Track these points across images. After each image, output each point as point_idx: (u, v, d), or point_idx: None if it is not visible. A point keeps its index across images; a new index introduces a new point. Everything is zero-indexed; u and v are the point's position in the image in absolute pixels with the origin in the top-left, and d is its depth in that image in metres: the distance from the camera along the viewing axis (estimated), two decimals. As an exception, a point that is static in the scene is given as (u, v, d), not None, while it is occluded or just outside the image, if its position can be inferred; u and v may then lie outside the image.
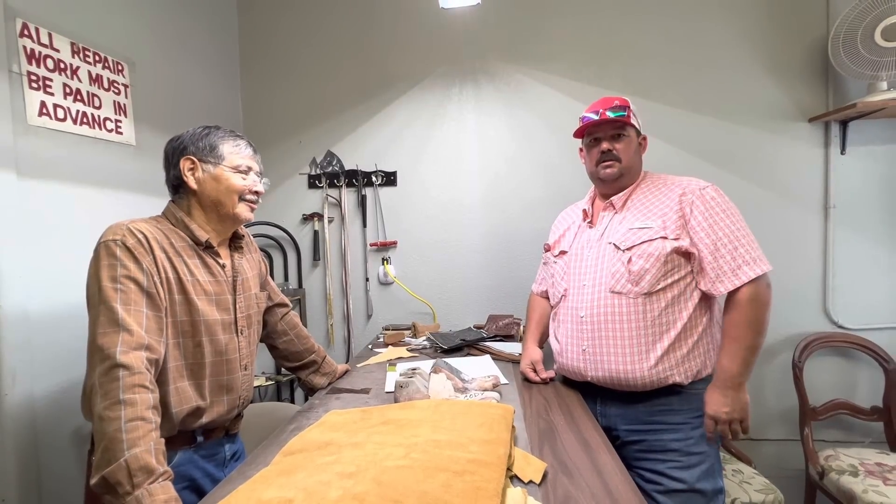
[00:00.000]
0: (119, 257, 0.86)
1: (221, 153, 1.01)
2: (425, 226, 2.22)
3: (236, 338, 1.04)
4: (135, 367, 0.80)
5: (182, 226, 0.99)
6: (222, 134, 1.04)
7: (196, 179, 1.00)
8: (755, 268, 1.07)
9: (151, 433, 0.78)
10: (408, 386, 1.12)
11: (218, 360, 0.99)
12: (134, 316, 0.84)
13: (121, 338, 0.81)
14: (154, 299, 0.88)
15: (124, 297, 0.84)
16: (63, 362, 1.29)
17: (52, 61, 1.28)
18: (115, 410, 0.76)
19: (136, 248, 0.88)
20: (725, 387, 1.08)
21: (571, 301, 1.24)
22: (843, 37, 1.77)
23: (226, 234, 1.08)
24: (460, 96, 2.18)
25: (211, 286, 0.99)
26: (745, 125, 2.02)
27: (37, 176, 1.24)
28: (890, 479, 1.52)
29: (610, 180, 1.25)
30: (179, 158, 0.99)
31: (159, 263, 0.91)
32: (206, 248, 1.01)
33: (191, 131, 1.02)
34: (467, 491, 0.68)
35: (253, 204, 1.07)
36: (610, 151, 1.22)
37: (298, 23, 2.24)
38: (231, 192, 1.01)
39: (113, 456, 0.73)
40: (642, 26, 2.06)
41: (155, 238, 0.92)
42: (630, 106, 1.23)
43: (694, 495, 1.10)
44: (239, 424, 1.14)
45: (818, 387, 1.93)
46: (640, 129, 1.26)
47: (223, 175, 1.01)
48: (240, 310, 1.05)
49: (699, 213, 1.11)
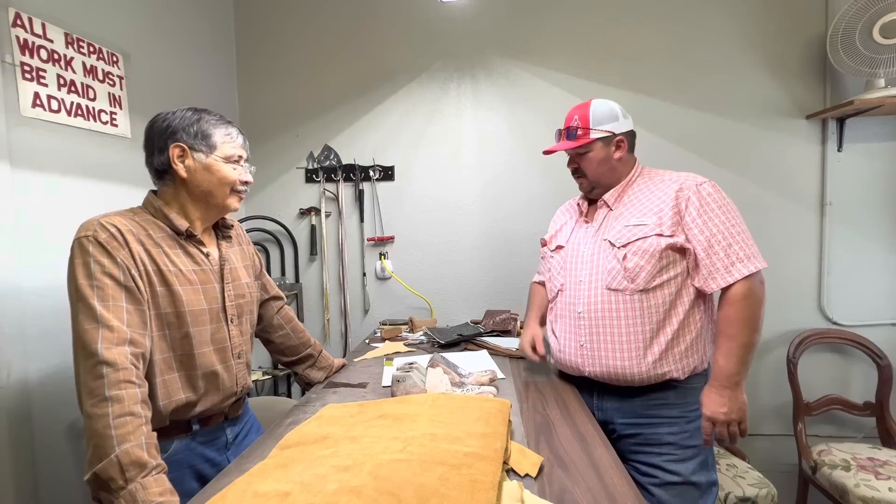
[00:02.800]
0: (92, 253, 0.84)
1: (214, 142, 0.98)
2: (423, 221, 2.21)
3: (226, 326, 1.01)
4: (119, 363, 0.79)
5: (161, 216, 0.96)
6: (214, 120, 1.00)
7: (186, 168, 0.96)
8: (749, 265, 1.06)
9: (142, 427, 0.77)
10: (405, 380, 1.12)
11: (207, 350, 0.97)
12: (114, 311, 0.82)
13: (101, 334, 0.79)
14: (133, 293, 0.86)
15: (101, 294, 0.83)
16: (58, 355, 1.28)
17: (45, 52, 1.27)
18: (102, 408, 0.75)
19: (109, 242, 0.86)
20: (722, 386, 1.07)
21: (568, 297, 1.24)
22: (841, 34, 1.77)
23: (210, 222, 1.05)
24: (458, 91, 2.17)
25: (195, 275, 0.96)
26: (743, 122, 2.03)
27: (30, 168, 1.23)
28: (881, 474, 1.54)
29: (585, 192, 1.30)
30: (168, 144, 0.95)
31: (136, 256, 0.88)
32: (188, 237, 0.98)
33: (179, 114, 0.97)
34: (464, 484, 0.68)
35: (242, 194, 1.04)
36: (577, 168, 1.26)
37: (296, 15, 2.22)
38: (223, 184, 0.99)
39: (103, 452, 0.73)
40: (641, 23, 2.05)
41: (130, 230, 0.89)
42: (589, 117, 1.20)
43: (688, 488, 1.11)
44: (240, 407, 1.11)
45: (812, 382, 1.95)
46: (612, 133, 1.20)
47: (215, 166, 0.97)
48: (228, 298, 1.03)
49: (694, 209, 1.10)
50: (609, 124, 1.21)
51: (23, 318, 1.19)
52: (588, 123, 1.21)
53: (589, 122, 1.21)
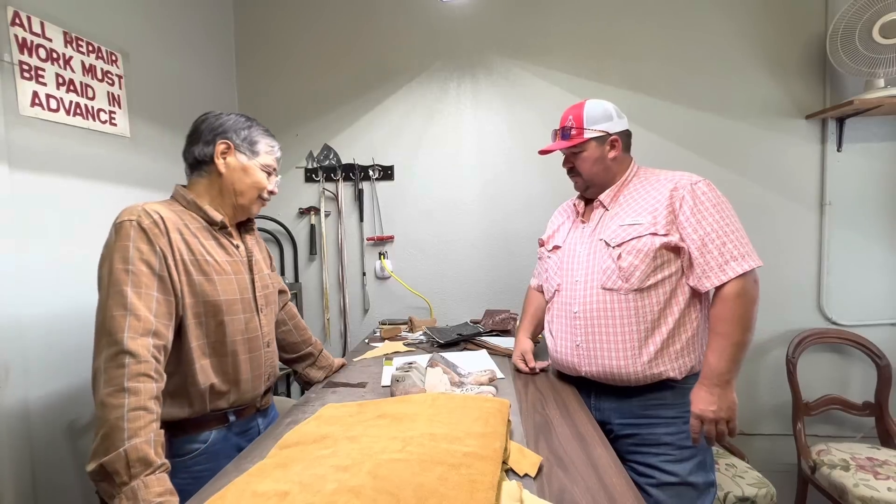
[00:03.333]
0: (133, 238, 0.86)
1: (258, 149, 1.06)
2: (422, 220, 2.21)
3: (257, 316, 1.05)
4: (141, 355, 0.79)
5: (195, 207, 1.00)
6: (261, 131, 1.08)
7: (226, 164, 1.02)
8: (743, 263, 1.06)
9: (152, 424, 0.77)
10: (404, 380, 1.12)
11: (241, 338, 1.00)
12: (144, 300, 0.83)
13: (128, 323, 0.80)
14: (165, 282, 0.88)
15: (135, 280, 0.84)
16: (56, 355, 1.28)
17: (44, 51, 1.27)
18: (118, 398, 0.75)
19: (152, 229, 0.88)
20: (712, 385, 1.06)
21: (564, 296, 1.24)
22: (841, 33, 1.77)
23: (234, 221, 1.10)
24: (458, 91, 2.17)
25: (229, 266, 1.00)
26: (742, 121, 2.02)
27: (29, 168, 1.23)
28: (881, 473, 1.54)
29: (580, 191, 1.31)
30: (216, 139, 1.01)
31: (174, 245, 0.90)
32: (221, 228, 1.02)
33: (233, 117, 1.05)
34: (463, 484, 0.68)
35: (266, 202, 1.12)
36: (572, 167, 1.27)
37: (295, 14, 2.22)
38: (255, 188, 1.05)
39: (112, 444, 0.73)
40: (640, 22, 2.05)
41: (171, 219, 0.92)
42: (583, 117, 1.21)
43: (686, 488, 1.11)
44: (269, 398, 1.16)
45: (811, 382, 1.95)
46: (606, 133, 1.20)
47: (252, 169, 1.05)
48: (258, 288, 1.07)
49: (688, 207, 1.10)
50: (603, 124, 1.21)
51: (21, 317, 1.19)
52: (582, 123, 1.21)
53: (583, 122, 1.21)
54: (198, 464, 0.96)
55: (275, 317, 1.18)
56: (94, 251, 1.37)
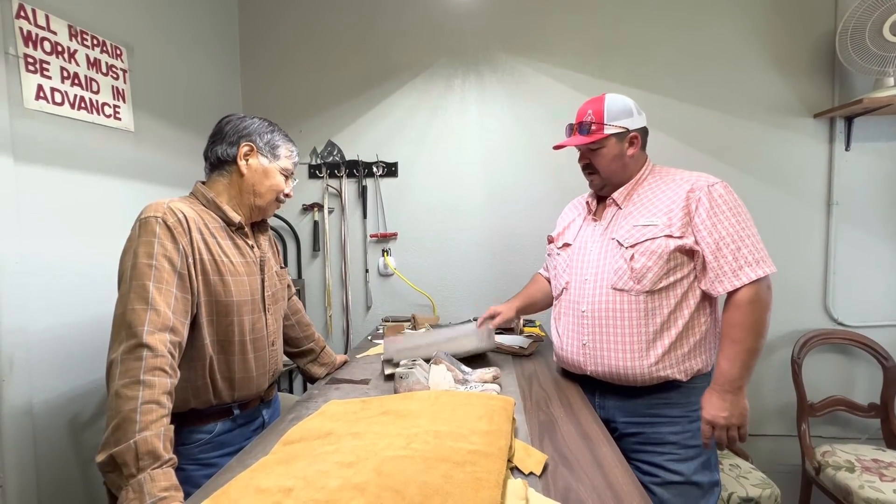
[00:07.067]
0: (158, 235, 0.87)
1: (279, 154, 1.09)
2: (426, 217, 2.21)
3: (264, 316, 1.07)
4: (158, 349, 0.80)
5: (214, 206, 1.02)
6: (283, 136, 1.11)
7: (248, 166, 1.05)
8: (757, 269, 1.04)
9: (163, 418, 0.78)
10: (408, 377, 1.12)
11: (247, 338, 1.02)
12: (164, 295, 0.85)
13: (148, 317, 0.81)
14: (185, 280, 0.89)
15: (157, 275, 0.85)
16: (60, 350, 1.28)
17: (49, 44, 1.26)
18: (133, 389, 0.76)
19: (176, 227, 0.90)
20: (724, 391, 1.05)
21: (573, 295, 1.23)
22: (850, 31, 1.75)
23: (250, 221, 1.12)
24: (463, 87, 2.16)
25: (242, 267, 1.02)
26: (750, 119, 2.01)
27: (33, 161, 1.22)
28: (886, 475, 1.53)
29: (596, 189, 1.28)
30: (241, 140, 1.04)
31: (195, 244, 0.92)
32: (238, 228, 1.04)
33: (257, 121, 1.08)
34: (468, 482, 0.67)
35: (281, 204, 1.15)
36: (589, 164, 1.24)
37: (300, 9, 2.21)
38: (273, 190, 1.09)
39: (123, 435, 0.73)
40: (648, 19, 2.03)
41: (193, 219, 0.94)
42: (603, 112, 1.17)
43: (690, 488, 1.10)
44: (274, 390, 1.19)
45: (816, 383, 1.94)
46: (626, 129, 1.17)
47: (272, 172, 1.08)
48: (267, 288, 1.08)
49: (704, 210, 1.08)
50: (623, 120, 1.18)
51: (25, 311, 1.19)
52: (602, 118, 1.18)
53: (603, 117, 1.18)
54: (203, 452, 0.98)
55: (282, 314, 1.19)
56: (97, 244, 1.38)
